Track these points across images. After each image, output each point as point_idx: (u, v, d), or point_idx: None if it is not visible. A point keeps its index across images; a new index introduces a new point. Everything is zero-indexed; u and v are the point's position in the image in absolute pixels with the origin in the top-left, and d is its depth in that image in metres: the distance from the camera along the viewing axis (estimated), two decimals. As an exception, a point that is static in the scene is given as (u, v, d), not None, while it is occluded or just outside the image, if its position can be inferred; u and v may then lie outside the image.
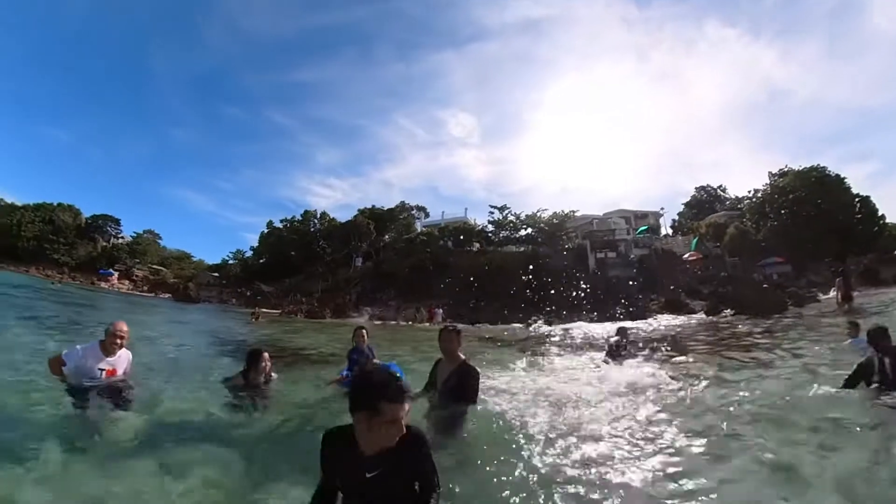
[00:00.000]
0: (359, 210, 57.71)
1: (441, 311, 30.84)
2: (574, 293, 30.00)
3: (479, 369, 4.31)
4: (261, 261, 59.50)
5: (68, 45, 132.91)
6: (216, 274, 62.18)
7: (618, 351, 8.82)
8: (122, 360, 4.78)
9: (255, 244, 62.14)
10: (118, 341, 4.68)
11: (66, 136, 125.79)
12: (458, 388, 4.06)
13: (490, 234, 47.35)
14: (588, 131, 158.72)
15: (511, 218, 46.56)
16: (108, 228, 67.72)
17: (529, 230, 45.44)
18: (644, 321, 21.84)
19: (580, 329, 19.00)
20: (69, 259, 58.84)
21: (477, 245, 45.86)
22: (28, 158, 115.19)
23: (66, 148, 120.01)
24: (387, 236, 53.89)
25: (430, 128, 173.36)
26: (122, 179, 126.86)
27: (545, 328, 21.02)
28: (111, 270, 58.00)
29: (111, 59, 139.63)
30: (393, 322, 30.15)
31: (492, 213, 47.55)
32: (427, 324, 28.31)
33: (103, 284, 53.98)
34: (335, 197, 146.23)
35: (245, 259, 62.64)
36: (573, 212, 45.55)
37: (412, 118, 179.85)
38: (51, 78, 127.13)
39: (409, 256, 42.25)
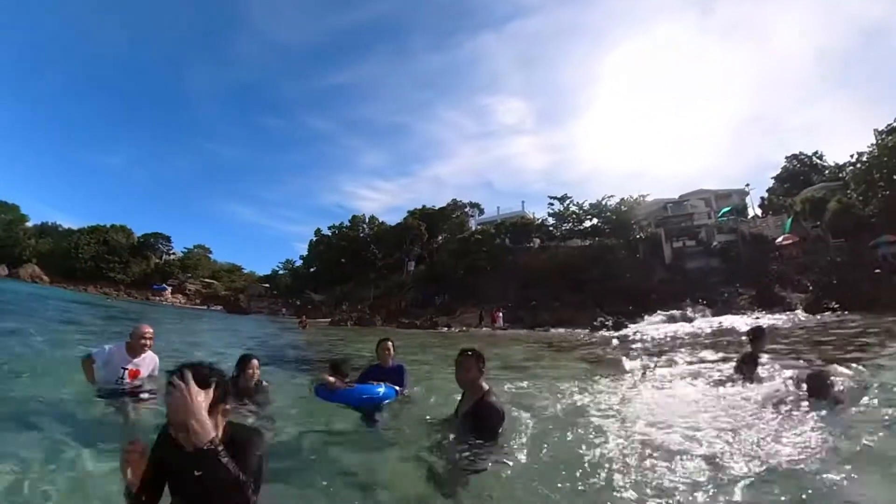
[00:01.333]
0: (408, 212, 58.73)
1: (502, 313, 30.54)
2: (648, 289, 29.01)
3: (535, 390, 4.10)
4: (311, 270, 62.14)
5: (109, 74, 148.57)
6: (266, 285, 66.11)
7: (753, 362, 6.25)
8: (146, 362, 5.15)
9: (305, 253, 64.70)
10: (142, 342, 5.08)
11: (115, 161, 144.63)
12: (476, 428, 3.68)
13: (551, 228, 46.57)
14: (653, 104, 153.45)
15: (573, 208, 45.59)
16: (160, 246, 74.41)
17: (595, 221, 44.27)
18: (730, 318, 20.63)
19: (658, 330, 18.35)
20: (124, 276, 66.47)
21: (537, 241, 45.27)
22: (81, 184, 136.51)
23: (116, 172, 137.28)
24: (439, 237, 54.45)
25: (477, 117, 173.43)
26: (171, 198, 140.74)
27: (618, 331, 20.40)
28: (164, 286, 64.75)
29: (150, 83, 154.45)
30: (445, 329, 30.26)
31: (551, 204, 46.82)
32: (489, 328, 28.24)
33: (157, 299, 60.41)
34: (383, 200, 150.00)
35: (295, 269, 65.74)
36: (643, 196, 43.92)
37: (457, 109, 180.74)
38: (95, 107, 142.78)
39: (463, 257, 42.34)
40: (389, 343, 5.99)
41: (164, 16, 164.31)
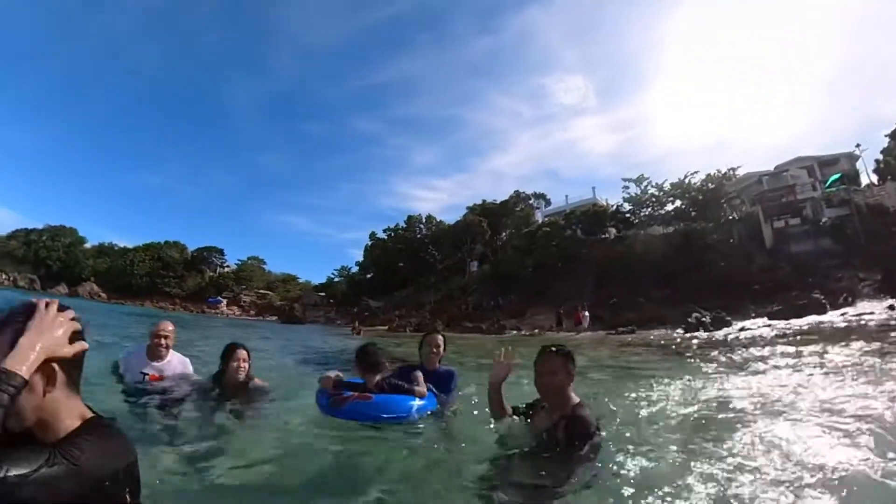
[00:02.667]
0: (467, 208, 58.53)
1: (587, 313, 28.65)
2: (747, 279, 27.32)
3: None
4: (367, 276, 63.59)
5: (147, 93, 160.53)
6: (322, 293, 68.60)
7: None
8: (171, 365, 4.80)
9: (361, 259, 66.07)
10: (161, 342, 4.74)
11: (162, 180, 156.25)
12: (565, 454, 2.92)
13: (628, 215, 45.09)
14: (730, 62, 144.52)
15: (652, 191, 43.99)
16: (214, 259, 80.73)
17: (678, 203, 42.44)
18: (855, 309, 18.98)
19: (769, 328, 17.17)
20: (179, 290, 73.28)
21: (613, 230, 43.96)
22: (134, 205, 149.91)
23: (166, 189, 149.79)
24: (503, 234, 53.99)
25: (533, 101, 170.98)
26: (223, 212, 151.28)
27: (719, 329, 19.28)
28: (219, 298, 70.18)
29: (189, 100, 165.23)
30: (514, 332, 29.73)
31: (626, 187, 45.37)
32: (570, 331, 27.18)
33: (213, 312, 65.24)
34: (441, 199, 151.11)
35: (350, 275, 67.59)
36: (733, 171, 41.63)
37: (510, 94, 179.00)
38: (137, 127, 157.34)
39: (530, 253, 41.76)
40: (439, 338, 4.98)
41: (197, 34, 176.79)
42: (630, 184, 44.97)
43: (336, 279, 70.88)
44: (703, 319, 21.72)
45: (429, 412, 4.28)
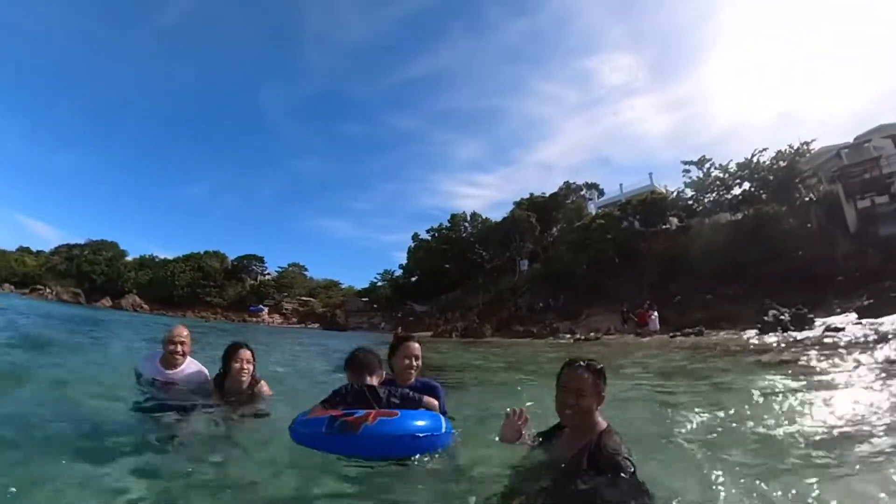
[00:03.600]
0: (514, 203, 57.85)
1: (656, 313, 27.08)
2: (830, 269, 25.78)
3: None
4: (412, 279, 64.00)
5: (185, 107, 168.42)
6: (365, 299, 69.90)
7: None
8: (184, 374, 4.68)
9: (404, 262, 66.65)
10: (175, 348, 4.64)
11: (200, 191, 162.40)
12: (593, 484, 2.51)
13: (690, 202, 43.49)
14: (795, 23, 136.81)
15: (716, 173, 42.18)
16: (254, 267, 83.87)
17: (746, 185, 40.53)
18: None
19: (860, 326, 16.15)
20: (220, 300, 77.05)
21: (674, 220, 42.65)
22: (174, 217, 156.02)
23: (206, 201, 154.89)
24: (554, 229, 53.02)
25: (578, 84, 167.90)
26: (262, 219, 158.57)
27: (802, 329, 18.20)
28: (261, 306, 73.15)
29: (225, 110, 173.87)
30: (568, 336, 29.03)
31: (687, 171, 43.75)
32: (636, 335, 26.07)
33: (254, 320, 68.38)
34: (486, 195, 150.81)
35: (394, 279, 68.05)
36: (806, 145, 39.40)
37: (554, 79, 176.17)
38: (176, 141, 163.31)
39: (584, 249, 40.82)
40: (416, 347, 4.06)
41: (225, 45, 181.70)
42: (691, 167, 43.36)
43: (379, 283, 71.92)
44: (781, 317, 20.52)
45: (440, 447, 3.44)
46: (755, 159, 39.84)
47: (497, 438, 3.25)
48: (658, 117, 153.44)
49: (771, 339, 17.43)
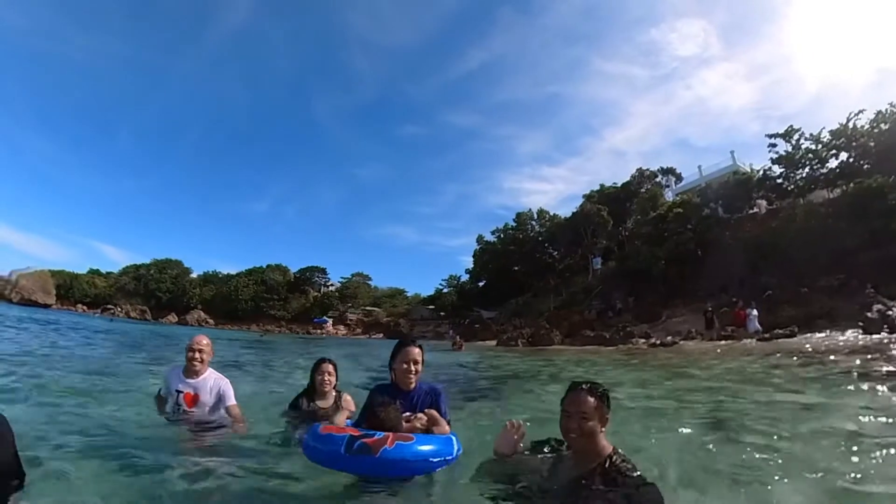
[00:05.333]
0: (584, 196, 55.62)
1: (756, 312, 23.71)
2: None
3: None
4: (479, 283, 63.21)
5: (239, 124, 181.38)
6: (431, 307, 69.93)
7: None
8: (205, 384, 4.83)
9: (470, 266, 65.99)
10: (195, 356, 4.80)
11: (261, 206, 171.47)
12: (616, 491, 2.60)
13: (779, 181, 39.70)
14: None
15: (807, 144, 38.23)
16: (317, 279, 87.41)
17: (843, 156, 36.55)
18: None
19: None
20: (284, 313, 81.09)
21: (762, 202, 39.25)
22: (235, 232, 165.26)
23: (265, 214, 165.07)
24: (628, 221, 50.35)
25: (645, 60, 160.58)
26: (324, 230, 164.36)
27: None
28: (325, 318, 75.51)
29: (279, 124, 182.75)
30: (642, 341, 26.73)
31: (773, 145, 39.80)
32: (723, 338, 23.17)
33: (318, 332, 70.40)
34: (555, 189, 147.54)
35: (461, 284, 67.41)
36: (912, 101, 35.07)
37: (616, 57, 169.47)
38: (235, 157, 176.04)
39: (661, 242, 38.22)
40: (417, 352, 4.03)
41: (272, 59, 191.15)
42: (777, 140, 39.42)
43: (445, 290, 71.90)
44: (889, 314, 17.84)
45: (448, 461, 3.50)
46: (851, 124, 35.79)
47: (494, 448, 3.38)
48: (737, 87, 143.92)
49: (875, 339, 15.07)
